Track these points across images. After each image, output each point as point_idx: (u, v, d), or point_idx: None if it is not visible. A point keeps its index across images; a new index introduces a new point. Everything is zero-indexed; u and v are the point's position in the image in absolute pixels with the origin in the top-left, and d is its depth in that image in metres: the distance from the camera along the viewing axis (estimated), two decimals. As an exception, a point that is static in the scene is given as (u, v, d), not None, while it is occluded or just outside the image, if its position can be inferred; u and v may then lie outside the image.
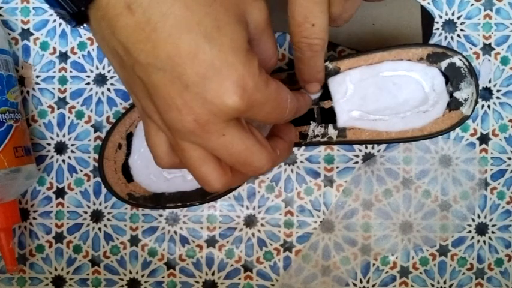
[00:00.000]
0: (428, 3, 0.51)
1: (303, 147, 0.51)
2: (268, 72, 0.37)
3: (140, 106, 0.35)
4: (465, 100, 0.45)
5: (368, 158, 0.52)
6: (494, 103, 0.51)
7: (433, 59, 0.45)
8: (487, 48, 0.51)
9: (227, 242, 0.52)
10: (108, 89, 0.52)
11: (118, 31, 0.30)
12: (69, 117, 0.52)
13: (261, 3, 0.33)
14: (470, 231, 0.52)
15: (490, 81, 0.51)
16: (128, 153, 0.49)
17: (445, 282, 0.52)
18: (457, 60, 0.45)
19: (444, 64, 0.45)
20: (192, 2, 0.30)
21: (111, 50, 0.32)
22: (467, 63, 0.45)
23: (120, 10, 0.29)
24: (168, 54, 0.30)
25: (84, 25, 0.33)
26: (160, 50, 0.30)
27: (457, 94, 0.45)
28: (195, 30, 0.30)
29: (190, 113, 0.31)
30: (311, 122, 0.47)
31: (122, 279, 0.52)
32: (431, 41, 0.51)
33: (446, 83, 0.45)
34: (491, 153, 0.52)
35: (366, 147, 0.52)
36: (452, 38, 0.51)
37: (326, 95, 0.46)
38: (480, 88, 0.51)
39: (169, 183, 0.49)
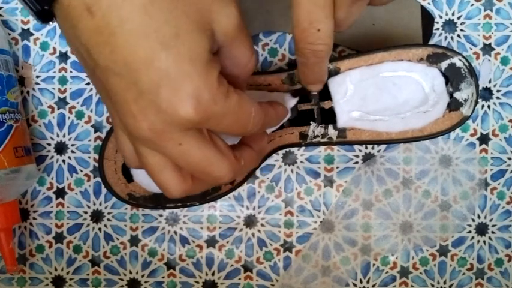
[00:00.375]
0: (428, 3, 0.51)
1: (303, 148, 0.51)
2: (246, 78, 0.36)
3: (106, 108, 0.34)
4: (465, 100, 0.45)
5: (368, 158, 0.52)
6: (494, 103, 0.51)
7: (433, 60, 0.45)
8: (487, 49, 0.51)
9: (227, 242, 0.52)
10: (108, 89, 0.52)
11: (79, 33, 0.30)
12: (69, 117, 0.52)
13: (229, 10, 0.32)
14: (470, 232, 0.52)
15: (490, 82, 0.51)
16: None
17: (445, 283, 0.52)
18: (457, 61, 0.45)
19: (444, 64, 0.45)
20: (152, 8, 0.29)
21: (75, 50, 0.32)
22: (467, 64, 0.45)
23: (80, 12, 0.29)
24: (124, 59, 0.29)
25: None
26: (118, 55, 0.29)
27: (457, 95, 0.45)
28: (152, 37, 0.29)
29: (145, 120, 0.30)
30: (311, 122, 0.47)
31: (122, 279, 0.52)
32: (432, 41, 0.51)
33: (446, 84, 0.45)
34: (491, 153, 0.52)
35: (366, 148, 0.52)
36: (452, 38, 0.51)
37: (326, 95, 0.46)
38: (480, 88, 0.51)
39: None
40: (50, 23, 0.52)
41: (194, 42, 0.30)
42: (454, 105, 0.45)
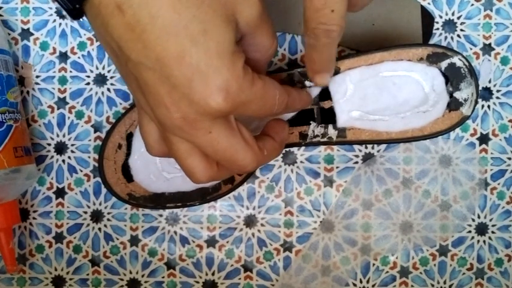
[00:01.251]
0: (428, 3, 0.51)
1: (303, 147, 0.51)
2: (267, 61, 0.38)
3: (135, 98, 0.36)
4: (465, 100, 0.45)
5: (368, 158, 0.52)
6: (494, 103, 0.51)
7: (433, 59, 0.45)
8: (487, 48, 0.51)
9: (227, 242, 0.52)
10: (108, 89, 0.52)
11: (111, 29, 0.31)
12: (69, 117, 0.52)
13: (252, 0, 0.34)
14: (470, 231, 0.52)
15: (490, 81, 0.51)
16: (128, 153, 0.49)
17: (445, 282, 0.52)
18: (457, 61, 0.45)
19: (444, 64, 0.45)
20: (180, 5, 0.30)
21: (107, 45, 0.33)
22: (467, 64, 0.45)
23: (111, 10, 0.30)
24: (157, 55, 0.31)
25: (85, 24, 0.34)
26: (150, 51, 0.31)
27: (457, 94, 0.45)
28: (181, 34, 0.31)
29: (179, 111, 0.32)
30: (311, 122, 0.47)
31: (122, 279, 0.52)
32: (432, 41, 0.51)
33: (446, 83, 0.45)
34: (491, 153, 0.52)
35: (366, 147, 0.52)
36: (452, 38, 0.51)
37: (326, 95, 0.46)
38: (480, 88, 0.51)
39: (169, 183, 0.49)
40: (52, 23, 0.52)
41: (221, 36, 0.32)
42: (453, 104, 0.45)
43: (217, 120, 0.34)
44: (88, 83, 0.52)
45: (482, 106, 0.51)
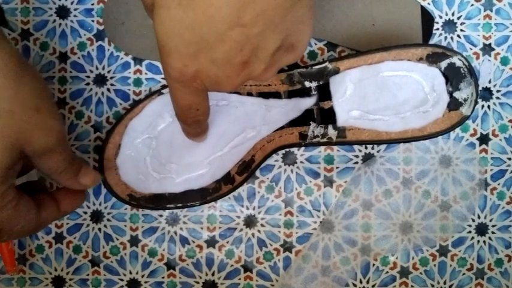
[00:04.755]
0: (428, 3, 0.51)
1: (303, 148, 0.51)
2: (63, 179, 0.41)
3: None
4: (465, 100, 0.45)
5: (368, 158, 0.52)
6: (494, 103, 0.51)
7: (432, 59, 0.45)
8: (487, 49, 0.51)
9: (227, 242, 0.52)
10: (108, 89, 0.52)
11: None
12: (69, 118, 0.52)
13: (48, 139, 0.37)
14: (470, 232, 0.52)
15: (490, 82, 0.51)
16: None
17: (445, 283, 0.52)
18: (456, 60, 0.45)
19: (444, 64, 0.45)
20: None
21: None
22: (466, 63, 0.45)
23: None
24: None
25: (87, 25, 0.34)
26: None
27: (456, 94, 0.45)
28: None
29: None
30: (311, 122, 0.47)
31: (122, 280, 0.52)
32: (432, 42, 0.51)
33: (446, 83, 0.45)
34: (491, 153, 0.52)
35: (366, 148, 0.52)
36: (452, 38, 0.51)
37: (326, 95, 0.46)
38: (480, 88, 0.51)
39: (158, 184, 0.48)
40: (52, 23, 0.52)
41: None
42: (453, 104, 0.45)
43: None
44: (88, 83, 0.52)
45: (482, 106, 0.51)
